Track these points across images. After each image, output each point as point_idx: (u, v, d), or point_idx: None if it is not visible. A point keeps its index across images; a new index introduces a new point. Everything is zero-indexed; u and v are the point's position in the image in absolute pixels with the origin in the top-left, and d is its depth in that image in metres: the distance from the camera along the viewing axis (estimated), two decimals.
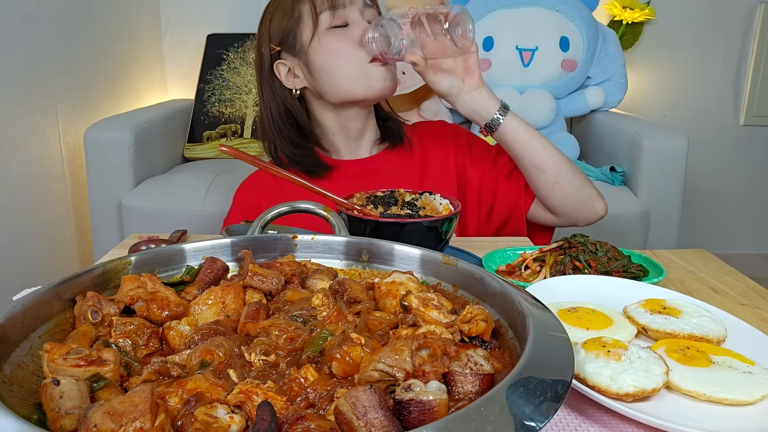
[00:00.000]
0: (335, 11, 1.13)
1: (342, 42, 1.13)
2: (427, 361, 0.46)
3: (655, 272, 0.86)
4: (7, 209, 1.76)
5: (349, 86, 1.16)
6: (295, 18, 1.15)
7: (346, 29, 1.13)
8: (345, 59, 1.13)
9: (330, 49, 1.13)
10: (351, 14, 1.14)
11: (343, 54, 1.13)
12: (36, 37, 1.89)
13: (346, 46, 1.13)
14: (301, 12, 1.14)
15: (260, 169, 1.21)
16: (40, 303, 0.54)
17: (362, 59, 1.13)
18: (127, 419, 0.38)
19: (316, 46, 1.14)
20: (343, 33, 1.13)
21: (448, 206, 0.90)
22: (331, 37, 1.13)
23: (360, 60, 1.13)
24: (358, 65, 1.13)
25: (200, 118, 2.41)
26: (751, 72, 2.78)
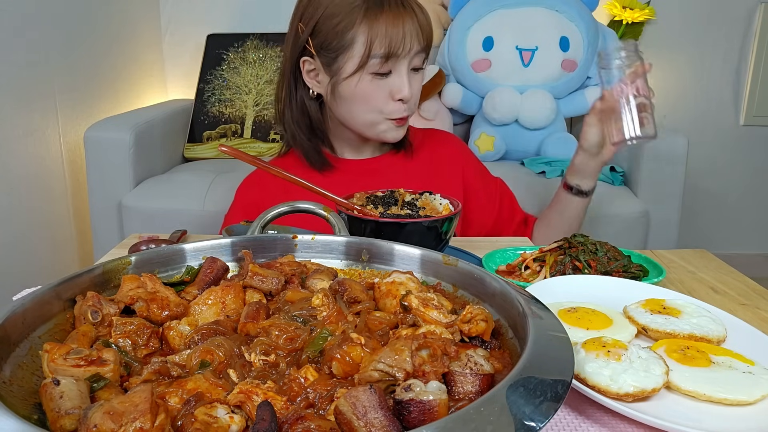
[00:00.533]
0: (387, 60, 1.09)
1: (377, 92, 1.11)
2: (427, 361, 0.46)
3: (655, 272, 0.86)
4: (7, 209, 1.76)
5: (360, 127, 1.17)
6: (346, 40, 1.09)
7: (386, 79, 1.11)
8: (370, 107, 1.13)
9: (362, 93, 1.11)
10: (399, 65, 1.10)
11: (371, 102, 1.12)
12: (36, 37, 1.89)
13: (379, 97, 1.11)
14: (355, 41, 1.08)
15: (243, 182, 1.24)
16: (40, 303, 0.54)
17: (387, 113, 1.13)
18: (127, 419, 0.38)
19: (351, 81, 1.10)
20: (381, 83, 1.11)
21: (448, 206, 0.90)
22: (369, 84, 1.10)
23: (384, 114, 1.13)
24: (379, 117, 1.14)
25: (200, 118, 2.41)
26: (751, 72, 2.78)
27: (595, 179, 1.20)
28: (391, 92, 1.11)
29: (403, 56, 1.09)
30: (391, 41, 1.06)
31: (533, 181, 2.06)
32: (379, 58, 1.08)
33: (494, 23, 2.27)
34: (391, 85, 1.11)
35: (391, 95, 1.11)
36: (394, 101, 1.12)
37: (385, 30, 1.06)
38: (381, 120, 1.15)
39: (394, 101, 1.12)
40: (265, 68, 2.46)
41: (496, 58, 2.27)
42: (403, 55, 1.08)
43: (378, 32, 1.06)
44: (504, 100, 2.22)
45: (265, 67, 2.47)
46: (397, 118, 1.14)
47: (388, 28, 1.06)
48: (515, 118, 2.25)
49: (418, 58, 1.11)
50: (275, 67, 2.46)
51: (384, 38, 1.06)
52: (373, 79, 1.10)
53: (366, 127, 1.17)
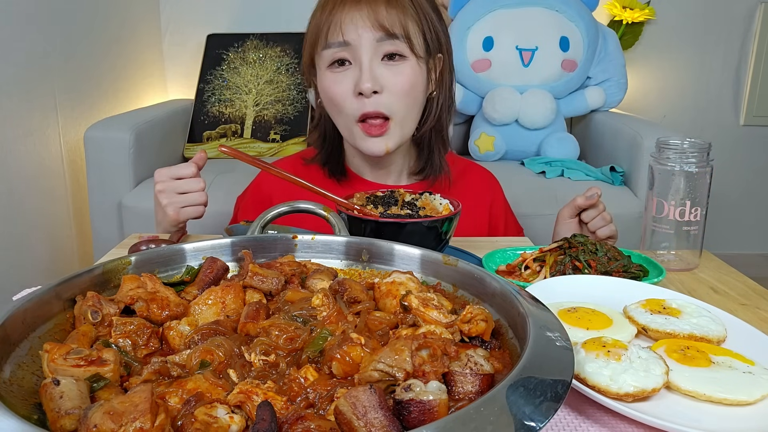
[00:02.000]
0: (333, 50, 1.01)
1: (337, 87, 1.03)
2: (427, 361, 0.46)
3: (655, 272, 0.86)
4: (7, 209, 1.76)
5: (344, 136, 1.10)
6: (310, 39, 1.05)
7: (345, 72, 1.02)
8: (337, 108, 1.05)
9: (325, 92, 1.05)
10: (357, 53, 1.00)
11: (336, 101, 1.04)
12: (36, 37, 1.89)
13: (339, 92, 1.03)
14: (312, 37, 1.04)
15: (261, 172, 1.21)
16: (40, 303, 0.54)
17: (351, 113, 1.03)
18: (127, 419, 0.38)
19: (321, 79, 1.05)
20: (340, 78, 1.02)
21: (448, 206, 0.90)
22: (328, 81, 1.04)
23: (349, 115, 1.04)
24: (348, 121, 1.05)
25: (200, 118, 2.41)
26: (751, 72, 2.79)
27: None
28: (353, 86, 1.01)
29: (355, 45, 1.00)
30: (330, 29, 1.00)
31: (533, 181, 2.06)
32: (324, 49, 1.02)
33: (494, 23, 2.28)
34: (352, 77, 1.02)
35: (353, 89, 1.01)
36: (355, 96, 1.01)
37: (327, 19, 1.01)
38: (351, 123, 1.05)
39: (356, 96, 1.01)
40: (265, 68, 2.46)
41: (496, 58, 2.27)
42: (352, 42, 1.00)
43: (322, 23, 1.01)
44: (504, 100, 2.22)
45: (265, 67, 2.47)
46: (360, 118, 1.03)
47: (331, 16, 1.00)
48: (515, 118, 2.25)
49: (387, 45, 1.01)
50: (275, 67, 2.46)
51: (323, 27, 1.01)
52: (330, 73, 1.03)
53: (346, 134, 1.08)
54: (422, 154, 1.16)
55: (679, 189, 0.91)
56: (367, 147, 1.06)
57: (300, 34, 2.51)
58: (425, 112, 1.10)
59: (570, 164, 2.14)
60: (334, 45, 1.01)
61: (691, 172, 0.91)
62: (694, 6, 2.73)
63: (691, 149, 0.91)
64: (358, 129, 1.05)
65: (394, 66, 1.03)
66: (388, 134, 1.05)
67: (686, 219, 0.92)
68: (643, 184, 2.01)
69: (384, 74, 1.02)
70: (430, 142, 1.14)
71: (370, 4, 1.00)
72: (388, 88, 1.02)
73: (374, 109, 1.02)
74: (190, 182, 1.02)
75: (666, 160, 0.92)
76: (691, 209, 0.91)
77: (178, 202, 1.01)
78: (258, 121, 2.40)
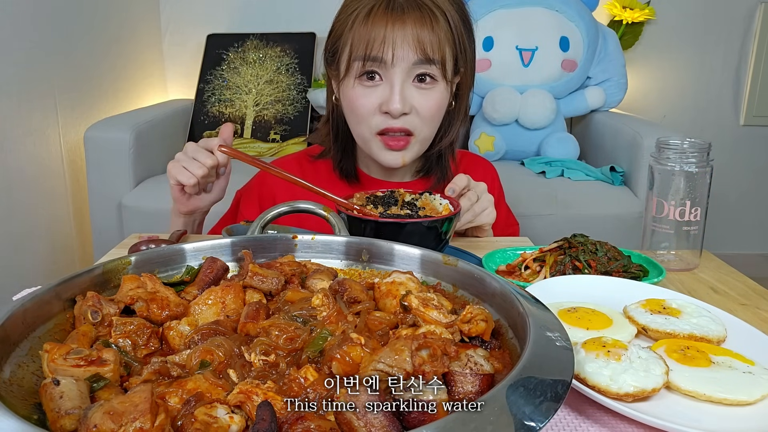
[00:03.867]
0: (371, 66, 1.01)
1: (362, 100, 1.03)
2: (427, 361, 0.46)
3: (655, 272, 0.86)
4: (7, 209, 1.76)
5: (360, 143, 1.11)
6: (341, 43, 1.04)
7: (374, 88, 1.02)
8: (358, 118, 1.05)
9: (350, 101, 1.05)
10: (390, 73, 1.01)
11: (358, 112, 1.04)
12: (36, 37, 1.89)
13: (365, 106, 1.03)
14: (345, 43, 1.03)
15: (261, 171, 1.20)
16: (40, 303, 0.54)
17: (373, 127, 1.04)
18: (127, 419, 0.38)
19: (344, 87, 1.05)
20: (368, 92, 1.03)
21: (448, 206, 0.90)
22: (354, 91, 1.04)
23: (370, 128, 1.05)
24: (368, 132, 1.06)
25: (200, 118, 2.41)
26: (751, 72, 2.79)
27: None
28: (381, 103, 1.02)
29: (391, 64, 1.00)
30: (369, 43, 0.99)
31: (533, 181, 2.06)
32: (359, 61, 1.01)
33: (494, 23, 2.28)
34: (380, 95, 1.02)
35: (380, 107, 1.03)
36: (381, 113, 1.03)
37: (365, 32, 1.00)
38: (370, 135, 1.06)
39: (381, 113, 1.03)
40: (265, 68, 2.46)
41: (496, 58, 2.27)
42: (388, 61, 1.00)
43: (362, 34, 1.00)
44: (504, 100, 2.23)
45: (265, 67, 2.47)
46: (382, 132, 1.04)
47: (368, 29, 0.99)
48: (515, 118, 2.25)
49: (421, 68, 1.01)
50: (275, 67, 2.46)
51: (363, 40, 1.00)
52: (359, 85, 1.03)
53: (362, 142, 1.09)
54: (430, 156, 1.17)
55: (679, 189, 0.91)
56: (384, 158, 1.08)
57: (300, 34, 2.52)
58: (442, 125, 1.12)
59: (570, 164, 2.14)
60: (369, 59, 1.01)
61: (691, 172, 0.91)
62: (694, 6, 2.73)
63: (691, 149, 0.91)
64: (377, 141, 1.06)
65: (424, 89, 1.03)
66: (407, 149, 1.07)
67: (686, 219, 0.91)
68: (643, 184, 2.01)
69: (414, 96, 1.03)
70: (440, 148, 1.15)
71: (415, 24, 0.99)
72: (417, 110, 1.03)
73: (400, 126, 1.04)
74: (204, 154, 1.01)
75: (666, 160, 0.92)
76: (691, 209, 0.91)
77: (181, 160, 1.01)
78: (258, 121, 2.40)
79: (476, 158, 1.33)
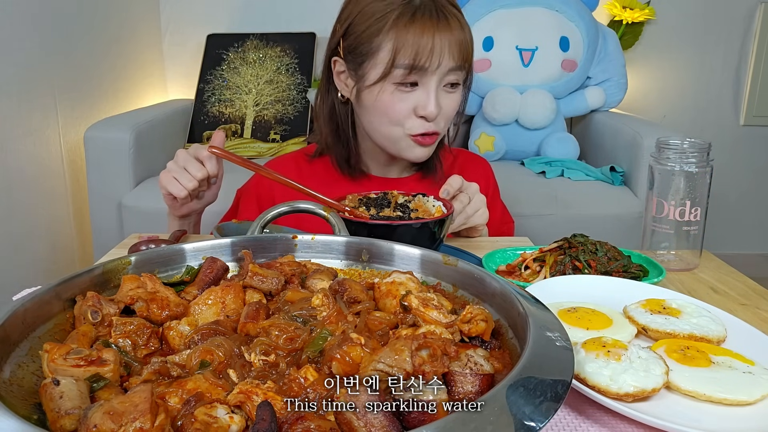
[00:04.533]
0: (411, 72, 1.02)
1: (399, 105, 1.05)
2: (427, 361, 0.46)
3: (655, 272, 0.86)
4: (7, 209, 1.76)
5: (382, 140, 1.12)
6: (373, 46, 1.03)
7: (411, 93, 1.04)
8: (390, 120, 1.06)
9: (383, 104, 1.05)
10: (426, 79, 1.03)
11: (391, 115, 1.06)
12: (36, 37, 1.89)
13: (400, 110, 1.05)
14: (381, 48, 1.02)
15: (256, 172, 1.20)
16: (40, 303, 0.54)
17: (408, 128, 1.07)
18: (127, 419, 0.38)
19: (374, 90, 1.05)
20: (405, 96, 1.04)
21: (441, 208, 0.90)
22: (391, 96, 1.04)
23: (405, 130, 1.07)
24: (400, 132, 1.08)
25: (200, 118, 2.41)
26: (751, 72, 2.79)
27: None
28: (416, 107, 1.05)
29: (431, 71, 1.02)
30: (418, 52, 1.00)
31: (533, 181, 2.06)
32: (404, 69, 1.01)
33: (494, 23, 2.28)
34: (416, 99, 1.04)
35: (415, 110, 1.05)
36: (416, 117, 1.06)
37: (413, 40, 1.00)
38: (402, 136, 1.08)
39: (417, 117, 1.06)
40: (265, 68, 2.46)
41: (496, 58, 2.27)
42: (432, 69, 1.02)
43: (405, 42, 1.00)
44: (504, 100, 2.23)
45: (265, 67, 2.47)
46: (418, 134, 1.07)
47: (416, 38, 1.00)
48: (515, 118, 2.25)
49: (453, 75, 1.05)
50: (275, 67, 2.46)
51: (410, 48, 1.00)
52: (396, 90, 1.04)
53: (387, 141, 1.11)
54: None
55: (679, 189, 0.91)
56: (414, 154, 1.12)
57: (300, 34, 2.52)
58: None
59: (570, 164, 2.14)
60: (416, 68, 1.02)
61: (691, 172, 0.91)
62: (694, 6, 2.73)
63: (691, 149, 0.91)
64: (407, 140, 1.09)
65: (450, 93, 1.08)
66: (432, 145, 1.13)
67: (686, 219, 0.91)
68: (643, 184, 2.01)
69: (443, 100, 1.07)
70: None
71: (453, 32, 1.02)
72: (443, 113, 1.08)
73: (434, 129, 1.08)
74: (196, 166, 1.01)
75: (666, 160, 0.92)
76: (691, 209, 0.91)
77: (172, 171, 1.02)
78: (258, 121, 2.40)
79: (472, 156, 1.35)
